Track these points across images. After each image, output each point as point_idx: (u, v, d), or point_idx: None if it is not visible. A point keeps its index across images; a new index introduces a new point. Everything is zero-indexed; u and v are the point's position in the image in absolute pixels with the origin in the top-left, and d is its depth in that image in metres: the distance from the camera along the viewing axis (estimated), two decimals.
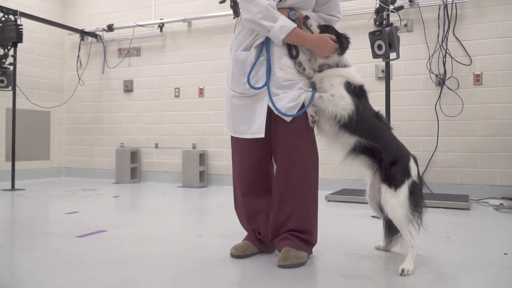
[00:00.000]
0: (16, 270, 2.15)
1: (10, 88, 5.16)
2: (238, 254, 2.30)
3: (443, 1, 4.57)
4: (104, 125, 6.58)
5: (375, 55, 3.38)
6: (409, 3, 4.68)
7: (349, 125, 2.12)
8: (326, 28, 2.22)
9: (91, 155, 6.69)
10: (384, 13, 3.40)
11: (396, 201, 2.09)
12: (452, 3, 4.56)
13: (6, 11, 5.12)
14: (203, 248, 2.53)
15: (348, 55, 2.25)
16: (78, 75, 6.64)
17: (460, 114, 4.56)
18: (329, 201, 4.39)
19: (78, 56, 6.64)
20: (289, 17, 2.19)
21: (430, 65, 4.66)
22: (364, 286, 1.87)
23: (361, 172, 2.49)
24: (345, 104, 2.10)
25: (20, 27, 5.12)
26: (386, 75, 3.55)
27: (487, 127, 4.50)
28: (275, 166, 2.30)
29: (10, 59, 5.17)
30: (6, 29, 5.06)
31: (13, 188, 5.28)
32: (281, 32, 2.12)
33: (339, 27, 2.36)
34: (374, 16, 3.43)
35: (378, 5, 3.40)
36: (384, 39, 3.28)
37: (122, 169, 6.12)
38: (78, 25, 6.64)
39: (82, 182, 6.26)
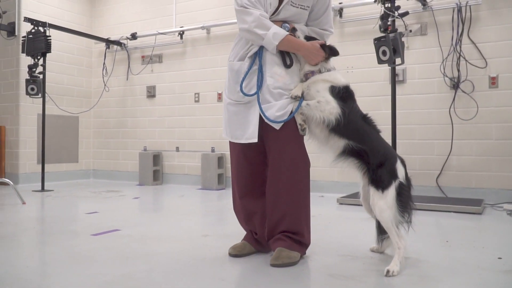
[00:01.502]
0: (31, 263, 2.35)
1: (40, 95, 5.47)
2: (235, 253, 2.42)
3: (457, 4, 4.56)
4: (128, 129, 6.85)
5: (380, 61, 3.43)
6: (422, 6, 4.70)
7: (337, 128, 2.21)
8: (310, 40, 2.32)
9: (116, 158, 6.97)
10: (389, 19, 3.45)
11: (383, 202, 2.16)
12: (466, 5, 4.54)
13: (36, 23, 5.44)
14: (205, 247, 2.67)
15: (332, 60, 2.35)
16: (104, 82, 6.95)
17: (475, 118, 4.53)
18: (341, 204, 4.45)
19: (104, 63, 6.95)
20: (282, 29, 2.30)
21: (444, 69, 4.65)
22: (348, 285, 1.96)
23: None
24: (331, 108, 2.19)
25: (49, 38, 5.42)
26: (392, 80, 3.60)
27: (503, 131, 4.45)
28: None
29: (40, 68, 5.48)
30: (36, 40, 5.37)
31: (43, 189, 5.58)
32: (274, 39, 2.24)
33: (354, 31, 2.43)
34: (379, 22, 3.49)
35: (383, 12, 3.45)
36: (388, 45, 3.34)
37: (145, 172, 6.35)
38: (104, 34, 6.95)
39: (108, 183, 6.53)
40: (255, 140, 2.29)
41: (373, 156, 2.21)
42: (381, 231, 2.40)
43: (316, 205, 4.39)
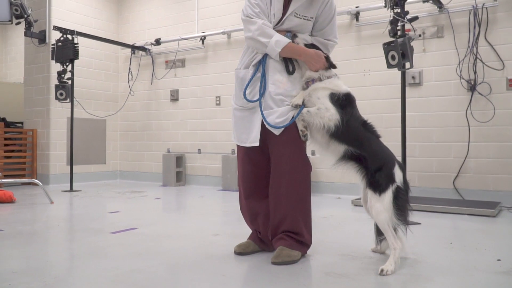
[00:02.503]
0: (52, 258, 2.54)
1: (68, 100, 5.75)
2: (240, 251, 2.55)
3: (473, 6, 4.55)
4: (153, 131, 7.09)
5: (389, 65, 3.49)
6: (438, 9, 4.71)
7: (336, 134, 2.31)
8: (312, 47, 2.42)
9: (141, 160, 7.23)
10: (399, 24, 3.50)
11: (380, 205, 2.24)
12: (482, 7, 4.52)
13: (64, 31, 5.73)
14: (214, 245, 2.81)
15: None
16: (130, 86, 7.22)
17: (492, 120, 4.50)
18: (356, 205, 4.51)
19: (129, 68, 7.22)
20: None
21: (460, 71, 4.65)
22: (339, 282, 2.05)
23: None
24: (330, 115, 2.29)
25: (76, 45, 5.70)
26: (402, 84, 3.64)
27: None
28: None
29: (68, 74, 5.77)
30: (65, 48, 5.66)
31: (71, 189, 5.86)
32: (277, 46, 2.36)
33: (370, 34, 2.47)
34: (389, 27, 3.54)
35: (392, 17, 3.51)
36: (397, 50, 3.39)
37: (168, 173, 6.57)
38: (130, 40, 7.22)
39: (133, 184, 6.78)
40: (257, 144, 2.41)
41: (372, 161, 2.30)
42: (379, 233, 2.47)
43: (331, 206, 4.47)
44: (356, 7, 5.23)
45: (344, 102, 2.33)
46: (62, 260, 2.51)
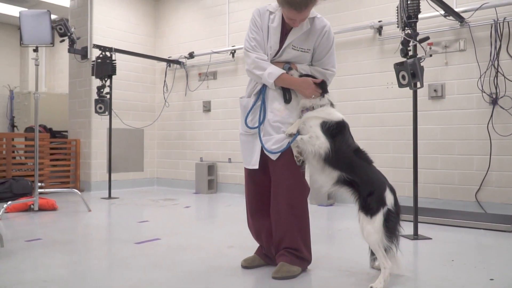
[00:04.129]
0: (79, 268, 2.86)
1: (107, 113, 6.17)
2: (246, 265, 2.77)
3: (494, 20, 4.54)
4: (187, 141, 7.44)
5: (400, 85, 3.59)
6: (459, 23, 4.73)
7: (328, 160, 2.48)
8: (307, 77, 2.60)
9: (177, 168, 7.59)
10: (410, 45, 3.60)
11: (371, 227, 2.39)
12: (504, 21, 4.51)
13: (103, 48, 6.16)
14: (225, 257, 3.04)
15: (328, 95, 2.61)
16: (165, 98, 7.60)
17: None
18: None
19: (165, 81, 7.61)
20: (283, 69, 2.62)
21: (482, 85, 4.65)
22: None
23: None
24: (320, 143, 2.46)
25: (114, 62, 6.11)
26: (414, 101, 3.72)
27: None
28: None
29: (107, 89, 6.19)
30: (103, 64, 6.09)
31: (109, 196, 6.28)
32: (270, 78, 2.57)
33: (393, 48, 3.00)
34: (401, 47, 3.64)
35: (403, 38, 3.60)
36: (407, 70, 3.49)
37: (200, 181, 6.88)
38: (166, 54, 7.61)
39: (168, 191, 7.15)
40: (257, 167, 2.64)
41: (363, 186, 2.45)
42: (373, 252, 2.61)
43: (350, 218, 4.59)
44: (379, 21, 5.33)
45: (335, 130, 2.50)
46: (88, 271, 2.81)
